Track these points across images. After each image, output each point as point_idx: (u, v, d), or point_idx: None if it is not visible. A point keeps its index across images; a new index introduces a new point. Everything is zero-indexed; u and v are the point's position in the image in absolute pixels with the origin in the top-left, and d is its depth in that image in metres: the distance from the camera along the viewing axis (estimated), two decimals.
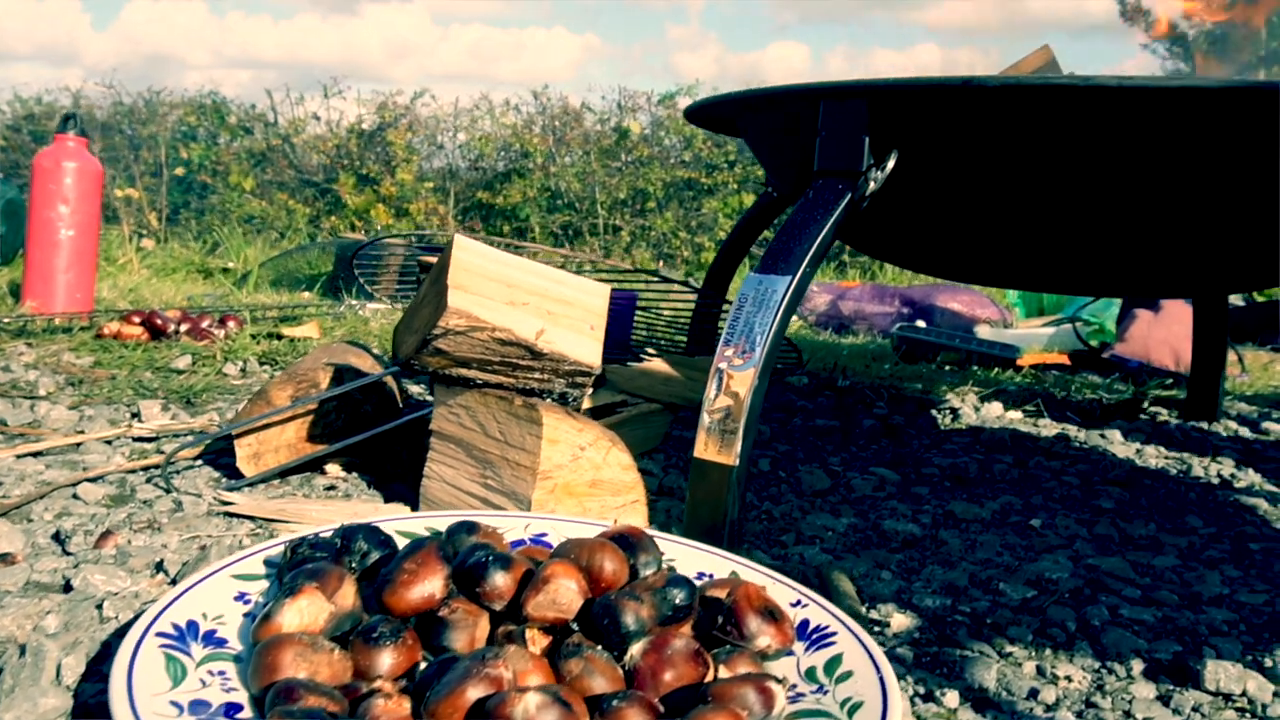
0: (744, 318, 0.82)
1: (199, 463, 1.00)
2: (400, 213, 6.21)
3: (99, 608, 0.64)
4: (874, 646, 0.56)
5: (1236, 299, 2.79)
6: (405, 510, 0.87)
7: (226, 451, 0.99)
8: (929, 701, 0.61)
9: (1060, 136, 0.90)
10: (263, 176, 6.47)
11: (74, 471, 0.94)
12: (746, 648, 0.55)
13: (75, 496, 0.87)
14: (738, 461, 0.79)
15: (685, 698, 0.50)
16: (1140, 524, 1.02)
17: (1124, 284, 1.24)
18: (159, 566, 0.72)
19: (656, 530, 0.81)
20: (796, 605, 0.61)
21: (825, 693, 0.53)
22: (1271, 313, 2.63)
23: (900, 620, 0.73)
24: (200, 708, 0.47)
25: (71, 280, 1.98)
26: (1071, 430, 1.50)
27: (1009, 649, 0.69)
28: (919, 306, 2.82)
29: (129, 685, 0.46)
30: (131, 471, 0.96)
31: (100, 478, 0.93)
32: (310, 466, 0.98)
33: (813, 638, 0.59)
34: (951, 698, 0.61)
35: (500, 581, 0.56)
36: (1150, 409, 1.70)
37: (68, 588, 0.68)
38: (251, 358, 1.61)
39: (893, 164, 0.90)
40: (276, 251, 4.30)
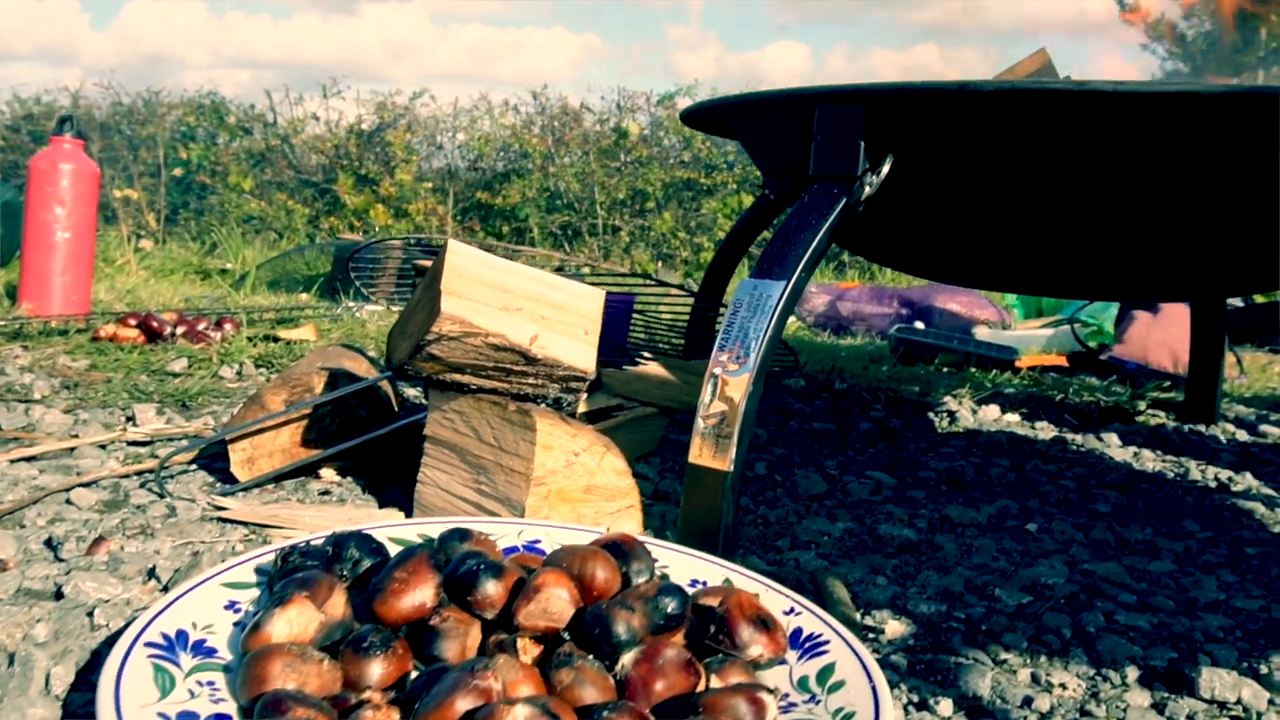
0: (739, 323, 0.82)
1: (193, 467, 1.00)
2: (399, 213, 6.21)
3: (90, 615, 0.64)
4: (867, 655, 0.56)
5: (1235, 300, 2.79)
6: (399, 516, 0.87)
7: (221, 456, 0.99)
8: (923, 710, 0.61)
9: (1056, 141, 0.90)
10: (262, 177, 6.46)
11: (67, 476, 0.94)
12: (739, 657, 0.55)
13: (68, 502, 0.87)
14: (732, 467, 0.79)
15: (677, 708, 0.50)
16: (1137, 528, 1.02)
17: (1120, 288, 1.24)
18: (151, 573, 0.72)
19: (650, 536, 0.80)
20: (790, 613, 0.61)
21: (817, 702, 0.53)
22: (1270, 314, 2.62)
23: (895, 627, 0.72)
24: (188, 719, 0.47)
25: (68, 282, 1.98)
26: (1068, 433, 1.49)
27: (1004, 656, 0.69)
28: (917, 307, 2.82)
29: (116, 696, 0.46)
30: (125, 476, 0.95)
31: (94, 483, 0.92)
32: (305, 471, 0.98)
33: (806, 646, 0.58)
34: (945, 706, 0.61)
35: (492, 590, 0.56)
36: (1148, 411, 1.70)
37: (59, 595, 0.67)
38: (247, 360, 1.61)
39: (888, 168, 0.90)
40: (275, 252, 4.30)
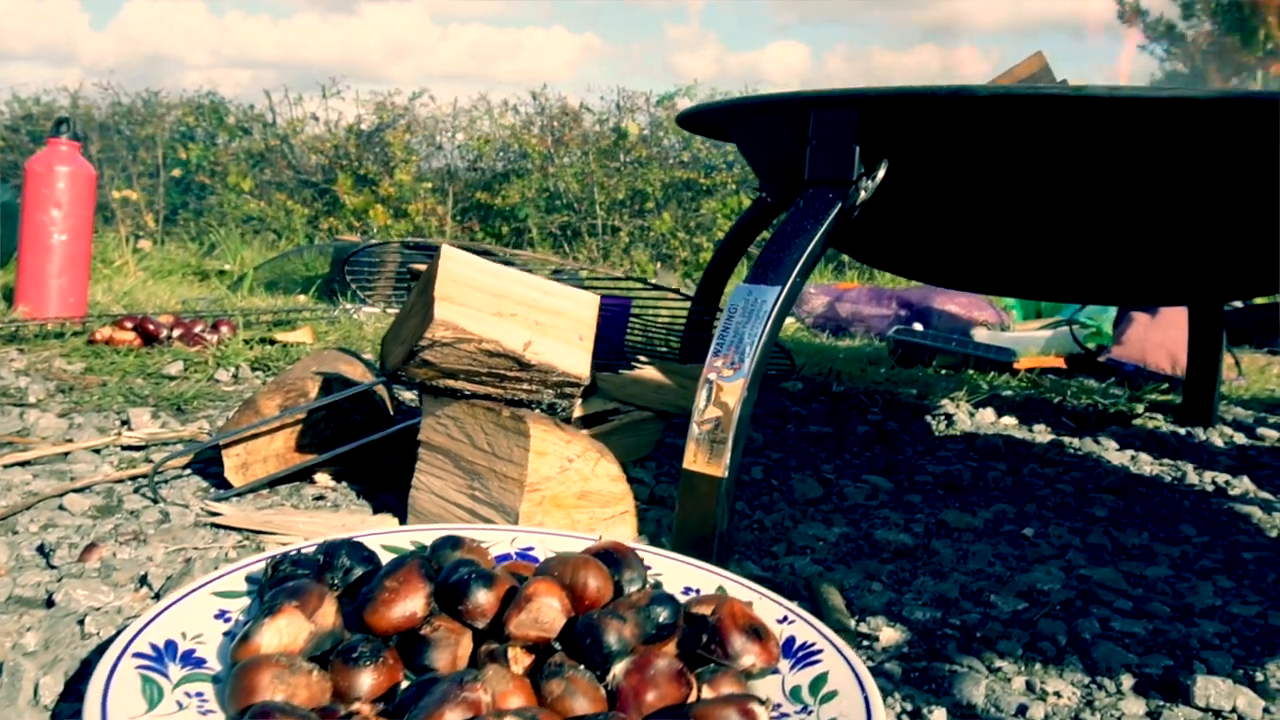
0: (733, 328, 0.82)
1: (187, 472, 0.99)
2: (399, 213, 6.20)
3: (80, 623, 0.64)
4: (860, 664, 0.56)
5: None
6: (393, 522, 0.87)
7: (215, 460, 0.99)
8: (916, 719, 0.61)
9: (1051, 145, 0.89)
10: (261, 177, 6.45)
11: (61, 481, 0.94)
12: (731, 667, 0.55)
13: (61, 508, 0.87)
14: (727, 473, 0.78)
15: (668, 719, 0.50)
16: (1133, 533, 1.02)
17: (1116, 293, 1.24)
18: (143, 580, 0.72)
19: (645, 543, 0.80)
20: (783, 621, 0.61)
21: (810, 713, 0.53)
22: (1268, 315, 2.62)
23: (889, 634, 0.72)
24: None
25: (64, 285, 1.98)
26: (1066, 436, 1.49)
27: (998, 664, 0.69)
28: (916, 308, 2.82)
29: (103, 709, 0.46)
30: (119, 481, 0.95)
31: (87, 488, 0.92)
32: (299, 476, 0.98)
33: (799, 655, 0.58)
34: (939, 715, 0.60)
35: (483, 599, 0.55)
36: (1145, 414, 1.70)
37: (50, 603, 0.67)
38: (244, 363, 1.60)
39: (883, 173, 0.89)
40: (274, 253, 4.29)
